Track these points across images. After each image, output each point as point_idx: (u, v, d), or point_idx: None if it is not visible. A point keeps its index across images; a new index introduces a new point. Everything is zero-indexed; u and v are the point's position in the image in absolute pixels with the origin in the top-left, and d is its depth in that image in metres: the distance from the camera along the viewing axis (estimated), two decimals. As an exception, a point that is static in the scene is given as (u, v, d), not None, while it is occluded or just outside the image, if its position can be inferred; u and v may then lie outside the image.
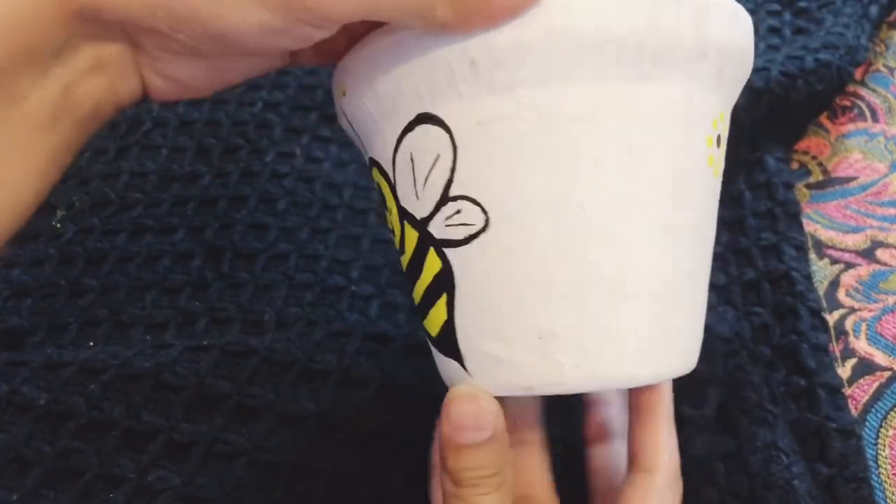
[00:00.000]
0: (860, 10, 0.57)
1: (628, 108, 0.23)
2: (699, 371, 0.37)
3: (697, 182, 0.25)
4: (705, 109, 0.25)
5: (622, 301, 0.24)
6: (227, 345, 0.37)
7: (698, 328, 0.27)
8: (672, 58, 0.23)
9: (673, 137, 0.24)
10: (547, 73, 0.23)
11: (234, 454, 0.34)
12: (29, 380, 0.35)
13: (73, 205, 0.47)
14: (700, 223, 0.26)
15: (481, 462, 0.26)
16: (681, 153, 0.24)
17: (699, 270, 0.26)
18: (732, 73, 0.25)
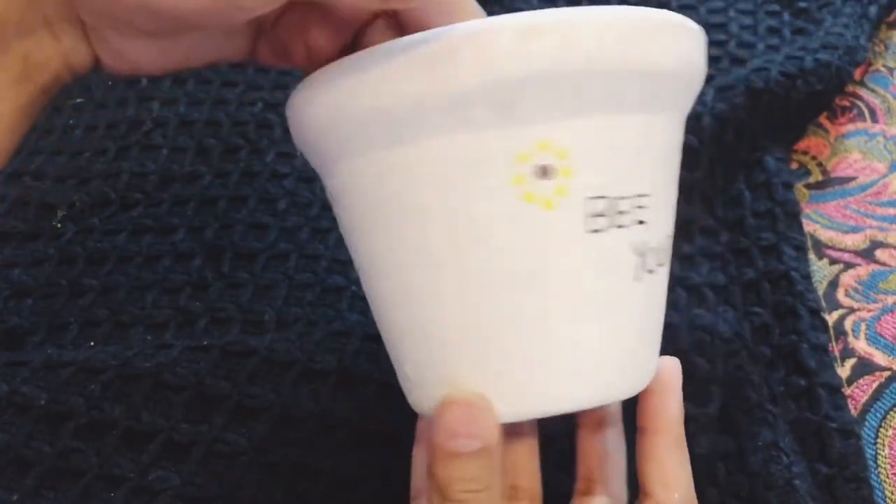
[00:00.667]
0: (859, 10, 0.57)
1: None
2: (702, 370, 0.37)
3: (507, 223, 0.24)
4: (499, 150, 0.23)
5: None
6: (227, 345, 0.37)
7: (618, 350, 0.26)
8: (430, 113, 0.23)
9: (453, 188, 0.24)
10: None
11: (234, 454, 0.34)
12: (29, 380, 0.35)
13: (73, 205, 0.47)
14: (518, 263, 0.24)
15: (472, 474, 0.25)
16: (474, 200, 0.24)
17: (530, 308, 0.25)
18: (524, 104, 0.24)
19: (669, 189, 0.26)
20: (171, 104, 0.53)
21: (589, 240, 0.24)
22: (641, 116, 0.24)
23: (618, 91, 0.23)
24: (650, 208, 0.25)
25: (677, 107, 0.25)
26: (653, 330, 0.27)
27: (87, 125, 0.53)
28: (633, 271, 0.25)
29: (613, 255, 0.24)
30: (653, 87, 0.24)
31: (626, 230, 0.24)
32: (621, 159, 0.24)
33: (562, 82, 0.23)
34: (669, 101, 0.24)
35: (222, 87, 0.54)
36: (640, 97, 0.24)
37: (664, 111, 0.24)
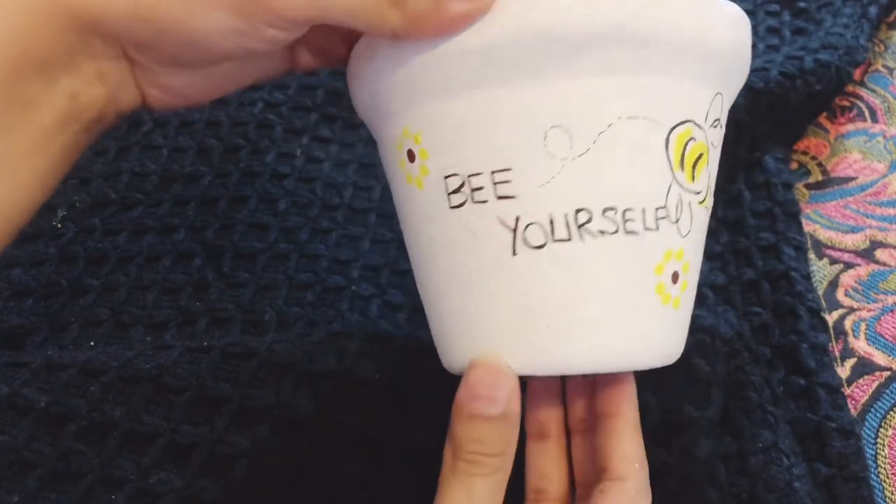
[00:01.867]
0: (859, 10, 0.57)
1: None
2: (703, 372, 0.37)
3: (409, 204, 0.28)
4: (386, 136, 0.28)
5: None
6: (227, 346, 0.37)
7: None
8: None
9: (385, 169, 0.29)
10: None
11: (236, 456, 0.34)
12: (29, 381, 0.35)
13: (73, 205, 0.47)
14: (409, 237, 0.29)
15: (487, 437, 0.26)
16: (392, 179, 0.29)
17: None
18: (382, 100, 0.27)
19: (550, 162, 0.25)
20: (171, 104, 0.53)
21: (453, 215, 0.26)
22: (484, 93, 0.25)
23: (440, 74, 0.25)
24: (515, 182, 0.25)
25: (522, 77, 0.25)
26: (563, 305, 0.26)
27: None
28: (509, 245, 0.26)
29: (480, 230, 0.26)
30: (472, 64, 0.25)
31: (487, 206, 0.26)
32: (466, 137, 0.26)
33: (404, 73, 0.26)
34: (514, 73, 0.25)
35: (222, 87, 0.54)
36: (472, 76, 0.25)
37: (511, 84, 0.25)
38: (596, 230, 0.25)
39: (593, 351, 0.26)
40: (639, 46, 0.24)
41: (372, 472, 0.34)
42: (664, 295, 0.26)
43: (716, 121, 0.27)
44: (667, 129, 0.25)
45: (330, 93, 0.55)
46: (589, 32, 0.24)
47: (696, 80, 0.26)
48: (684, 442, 0.35)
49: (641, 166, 0.25)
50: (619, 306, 0.26)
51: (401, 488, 0.34)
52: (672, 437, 0.36)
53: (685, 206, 0.26)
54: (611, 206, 0.25)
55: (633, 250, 0.26)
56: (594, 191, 0.25)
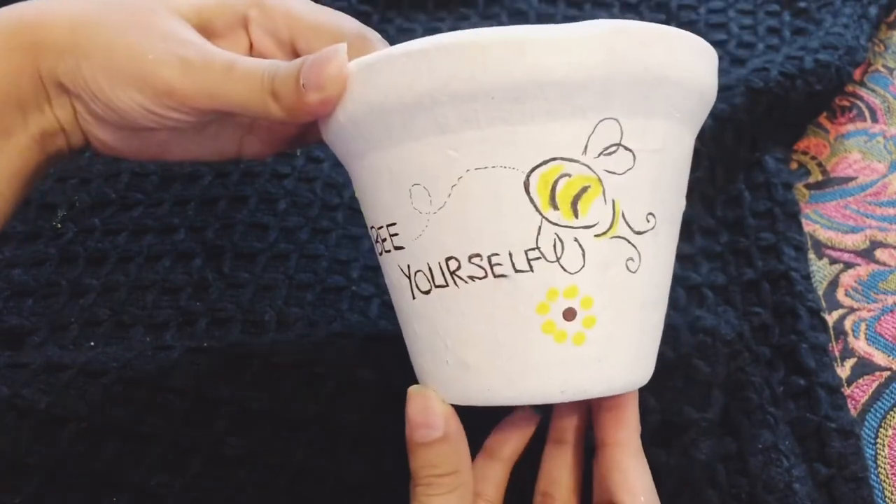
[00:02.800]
0: (859, 10, 0.57)
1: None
2: (703, 374, 0.37)
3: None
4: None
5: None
6: (227, 348, 0.37)
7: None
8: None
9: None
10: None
11: (236, 458, 0.34)
12: (29, 383, 0.35)
13: (73, 205, 0.47)
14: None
15: (434, 460, 0.28)
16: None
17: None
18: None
19: (419, 217, 0.27)
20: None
21: (383, 260, 0.30)
22: (365, 158, 0.28)
23: (337, 146, 0.30)
24: (402, 235, 0.28)
25: (379, 143, 0.27)
26: (452, 345, 0.28)
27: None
28: (409, 290, 0.29)
29: (394, 276, 0.29)
30: (353, 135, 0.28)
31: (391, 255, 0.29)
32: (363, 195, 0.30)
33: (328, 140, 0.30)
34: (375, 140, 0.27)
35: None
36: (351, 145, 0.29)
37: (377, 149, 0.27)
38: (466, 276, 0.27)
39: (485, 388, 0.28)
40: (465, 103, 0.25)
41: (372, 473, 0.34)
42: (556, 333, 0.27)
43: (612, 146, 0.26)
44: (524, 174, 0.26)
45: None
46: (410, 101, 0.25)
47: (553, 117, 0.25)
48: (684, 443, 0.35)
49: (500, 212, 0.26)
50: (500, 347, 0.27)
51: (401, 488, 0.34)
52: (672, 438, 0.36)
53: (569, 243, 0.26)
54: (475, 253, 0.27)
55: (505, 293, 0.27)
56: (458, 240, 0.27)
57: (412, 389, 0.29)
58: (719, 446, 0.36)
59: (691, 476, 0.34)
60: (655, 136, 0.27)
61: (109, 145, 0.32)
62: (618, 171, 0.26)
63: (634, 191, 0.27)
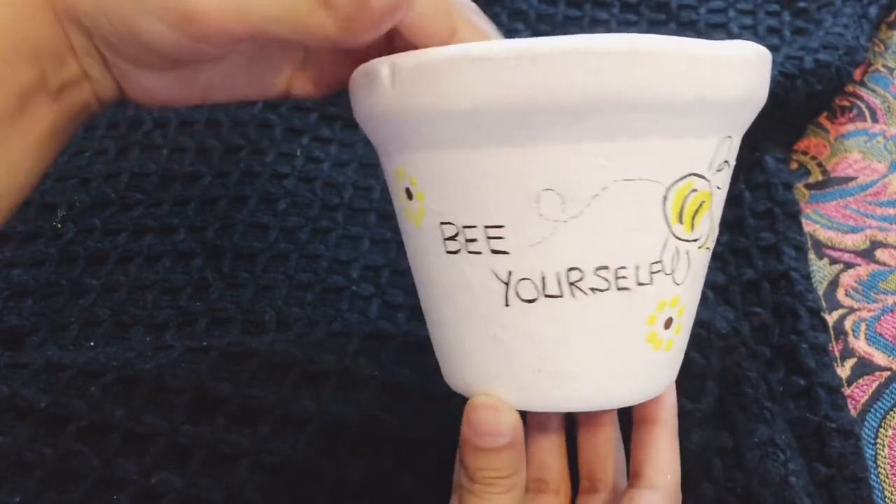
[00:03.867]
0: (859, 10, 0.57)
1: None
2: (697, 365, 0.37)
3: (406, 235, 0.29)
4: (386, 166, 0.28)
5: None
6: (227, 346, 0.37)
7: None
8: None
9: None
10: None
11: (237, 456, 0.34)
12: (29, 382, 0.35)
13: (73, 205, 0.47)
14: (411, 263, 0.29)
15: (497, 465, 0.28)
16: (394, 203, 0.29)
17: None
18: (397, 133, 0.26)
19: (542, 223, 0.25)
20: (172, 104, 0.53)
21: (450, 260, 0.27)
22: (475, 152, 0.25)
23: (431, 131, 0.25)
24: (508, 240, 0.25)
25: (521, 142, 0.25)
26: (549, 355, 0.27)
27: (88, 125, 0.53)
28: (501, 296, 0.26)
29: (475, 279, 0.26)
30: (468, 126, 0.24)
31: (481, 257, 0.26)
32: (460, 191, 0.26)
33: (389, 123, 0.26)
34: (505, 136, 0.24)
35: (222, 87, 0.54)
36: (462, 136, 0.25)
37: (501, 146, 0.25)
38: (587, 288, 0.26)
39: (575, 396, 0.27)
40: (636, 112, 0.24)
41: (372, 470, 0.34)
42: (655, 342, 0.27)
43: (723, 163, 0.27)
44: (665, 188, 0.25)
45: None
46: (571, 103, 0.23)
47: (698, 134, 0.25)
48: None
49: (636, 226, 0.25)
50: (606, 358, 0.27)
51: (400, 486, 0.34)
52: None
53: (682, 255, 0.26)
54: (603, 266, 0.26)
55: (623, 305, 0.26)
56: (586, 251, 0.25)
57: (480, 399, 0.28)
58: (713, 438, 0.36)
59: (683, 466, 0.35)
60: (736, 150, 0.28)
61: (149, 92, 0.28)
62: (721, 186, 0.27)
63: (721, 204, 0.28)
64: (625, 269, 0.26)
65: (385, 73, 0.25)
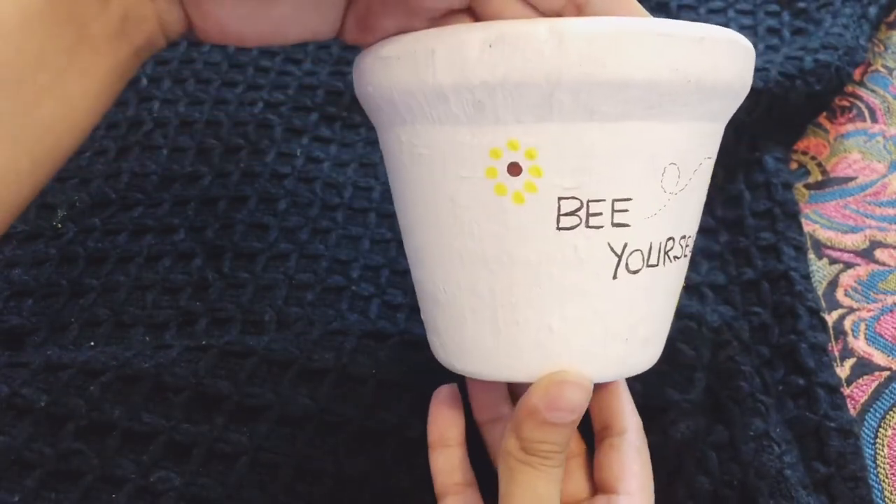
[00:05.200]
0: (859, 10, 0.57)
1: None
2: (686, 356, 0.37)
3: (480, 211, 0.27)
4: (473, 144, 0.26)
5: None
6: (226, 345, 0.37)
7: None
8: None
9: (441, 172, 0.27)
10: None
11: (236, 454, 0.34)
12: (29, 382, 0.35)
13: (73, 205, 0.47)
14: (489, 249, 0.27)
15: (559, 439, 0.28)
16: (452, 185, 0.27)
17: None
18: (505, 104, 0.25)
19: (661, 195, 0.27)
20: (171, 104, 0.53)
21: (559, 236, 0.26)
22: (617, 125, 0.25)
23: (587, 101, 0.24)
24: (632, 212, 0.26)
25: (663, 116, 0.25)
26: (639, 322, 0.28)
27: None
28: (612, 269, 0.27)
29: (587, 253, 0.26)
30: (626, 98, 0.25)
31: (601, 231, 0.26)
32: (595, 164, 0.25)
33: (528, 90, 0.24)
34: (648, 110, 0.25)
35: (222, 87, 0.54)
36: (614, 107, 0.25)
37: (646, 120, 0.25)
38: (673, 256, 0.28)
39: (650, 359, 0.30)
40: (731, 99, 0.27)
41: (370, 467, 0.34)
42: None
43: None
44: (713, 165, 0.29)
45: (330, 93, 0.55)
46: (721, 85, 0.26)
47: (721, 119, 0.29)
48: (663, 423, 0.36)
49: (703, 199, 0.29)
50: (668, 320, 0.30)
51: (399, 482, 0.34)
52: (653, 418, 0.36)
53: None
54: (684, 234, 0.28)
55: (683, 271, 0.30)
56: (680, 222, 0.28)
57: (567, 375, 0.28)
58: (701, 428, 0.36)
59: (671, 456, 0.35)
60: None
61: (220, 24, 0.27)
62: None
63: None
64: (689, 237, 0.29)
65: (544, 36, 0.24)
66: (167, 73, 0.55)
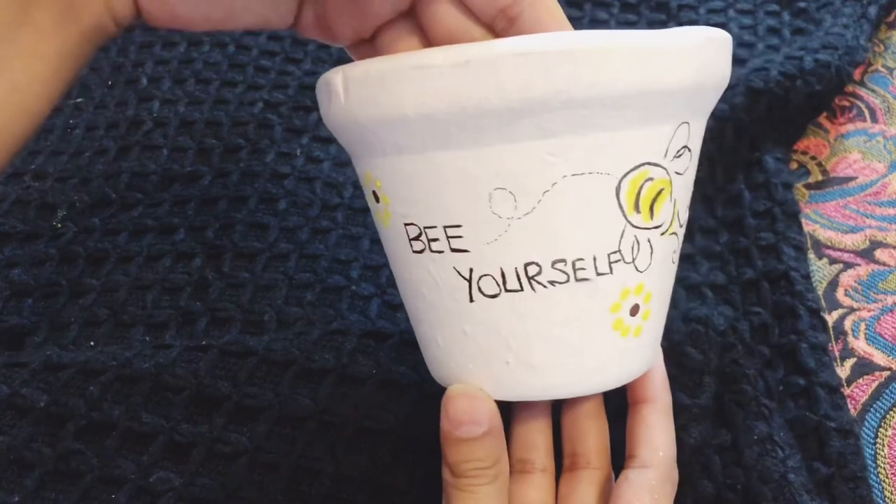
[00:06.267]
0: (859, 10, 0.57)
1: None
2: (695, 361, 0.37)
3: (380, 230, 0.30)
4: (360, 173, 0.30)
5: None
6: (225, 345, 0.37)
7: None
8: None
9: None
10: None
11: (235, 454, 0.34)
12: (29, 382, 0.35)
13: (73, 205, 0.47)
14: (389, 261, 0.31)
15: (479, 455, 0.28)
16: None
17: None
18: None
19: (497, 221, 0.26)
20: (171, 104, 0.53)
21: (416, 259, 0.28)
22: (429, 156, 0.26)
23: (388, 138, 0.26)
24: (467, 238, 0.26)
25: (468, 144, 0.25)
26: (517, 347, 0.28)
27: (87, 125, 0.53)
28: (465, 293, 0.27)
29: (440, 277, 0.27)
30: (413, 132, 0.25)
31: (444, 256, 0.27)
32: (417, 194, 0.27)
33: (353, 130, 0.27)
34: (454, 140, 0.25)
35: (222, 87, 0.54)
36: (417, 141, 0.26)
37: (451, 149, 0.25)
38: (546, 281, 0.26)
39: (549, 385, 0.28)
40: (576, 110, 0.24)
41: (370, 468, 0.34)
42: (623, 329, 0.28)
43: (682, 149, 0.27)
44: (617, 179, 0.26)
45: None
46: (517, 105, 0.24)
47: (648, 123, 0.25)
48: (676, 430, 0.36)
49: (590, 218, 0.26)
50: (571, 347, 0.28)
51: (399, 483, 0.34)
52: None
53: (643, 243, 0.27)
54: (560, 259, 0.26)
55: (585, 296, 0.27)
56: (542, 246, 0.26)
57: (455, 389, 0.29)
58: (711, 434, 0.36)
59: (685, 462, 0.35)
60: (701, 135, 0.28)
61: (169, 8, 0.27)
62: (681, 172, 0.27)
63: (686, 188, 0.28)
64: (582, 260, 0.26)
65: (338, 82, 0.26)
66: (167, 73, 0.55)
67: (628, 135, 0.25)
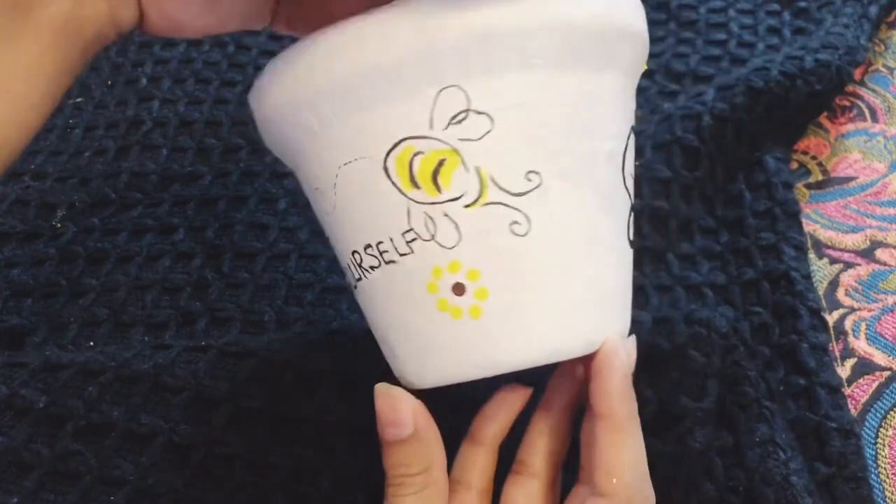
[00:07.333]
0: (860, 10, 0.57)
1: None
2: (698, 364, 0.37)
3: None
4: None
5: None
6: (225, 346, 0.37)
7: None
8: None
9: None
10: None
11: (234, 455, 0.34)
12: (28, 382, 0.35)
13: (73, 205, 0.47)
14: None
15: (404, 459, 0.27)
16: None
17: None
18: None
19: (324, 218, 0.29)
20: (171, 104, 0.53)
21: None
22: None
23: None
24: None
25: (300, 150, 0.28)
26: (384, 334, 0.29)
27: (87, 125, 0.53)
28: (352, 281, 0.30)
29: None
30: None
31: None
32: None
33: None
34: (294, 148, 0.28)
35: (222, 87, 0.54)
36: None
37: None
38: (368, 266, 0.28)
39: (413, 373, 0.28)
40: (331, 100, 0.26)
41: (369, 469, 0.34)
42: (452, 310, 0.26)
43: (458, 114, 0.25)
44: (381, 160, 0.26)
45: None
46: (298, 101, 0.27)
47: (392, 99, 0.25)
48: (679, 432, 0.35)
49: (373, 201, 0.26)
50: (409, 332, 0.28)
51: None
52: (667, 427, 0.36)
53: (439, 218, 0.26)
54: (367, 244, 0.27)
55: (398, 278, 0.27)
56: (353, 234, 0.28)
57: (379, 387, 0.27)
58: (715, 437, 0.36)
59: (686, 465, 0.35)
60: (514, 92, 0.25)
61: (172, 16, 0.27)
62: (473, 138, 0.25)
63: (502, 153, 0.25)
64: (382, 242, 0.27)
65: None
66: (167, 72, 0.55)
67: (375, 115, 0.25)
